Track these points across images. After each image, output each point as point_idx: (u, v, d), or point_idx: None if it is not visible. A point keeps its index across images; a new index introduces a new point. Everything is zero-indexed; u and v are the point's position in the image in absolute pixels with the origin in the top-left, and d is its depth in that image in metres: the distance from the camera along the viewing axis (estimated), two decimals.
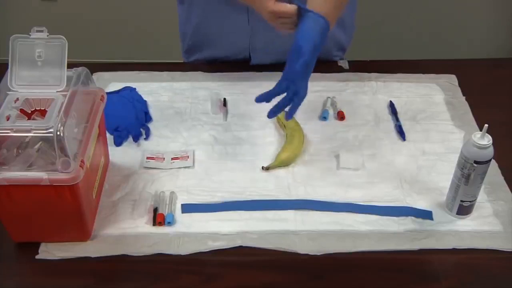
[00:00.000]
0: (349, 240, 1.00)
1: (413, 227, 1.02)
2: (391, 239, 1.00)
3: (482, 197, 1.05)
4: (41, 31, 0.95)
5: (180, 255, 0.97)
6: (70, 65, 0.96)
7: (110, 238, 0.99)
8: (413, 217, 1.03)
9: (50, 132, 0.85)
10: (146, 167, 1.13)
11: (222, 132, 1.21)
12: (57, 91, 0.93)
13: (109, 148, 1.14)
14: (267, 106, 1.26)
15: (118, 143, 1.17)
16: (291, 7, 1.06)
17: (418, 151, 1.17)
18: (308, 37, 1.04)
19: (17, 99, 0.93)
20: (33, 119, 0.94)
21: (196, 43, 1.42)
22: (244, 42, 1.36)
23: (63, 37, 0.95)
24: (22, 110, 0.94)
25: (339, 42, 1.41)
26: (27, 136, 0.90)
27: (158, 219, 1.01)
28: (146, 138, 1.19)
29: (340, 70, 1.40)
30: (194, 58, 1.45)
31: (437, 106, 1.29)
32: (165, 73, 1.38)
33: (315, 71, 1.37)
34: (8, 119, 0.90)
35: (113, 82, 1.34)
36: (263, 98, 1.07)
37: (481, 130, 0.95)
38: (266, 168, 1.12)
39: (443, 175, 1.08)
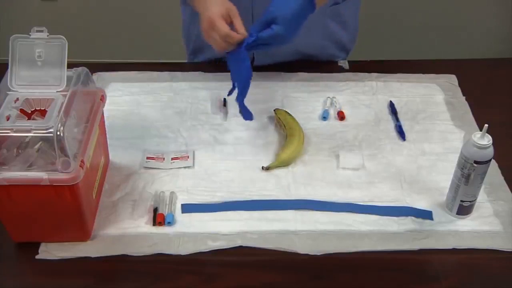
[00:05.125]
0: (349, 240, 1.00)
1: (413, 227, 1.02)
2: (391, 239, 1.00)
3: (482, 197, 1.05)
4: (41, 31, 0.95)
5: (180, 255, 0.97)
6: (70, 65, 0.96)
7: (110, 238, 0.99)
8: (413, 217, 1.03)
9: (50, 132, 0.85)
10: (146, 167, 1.12)
11: (222, 132, 1.21)
12: (57, 91, 0.93)
13: (109, 148, 1.14)
14: (267, 106, 1.26)
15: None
16: (238, 36, 1.07)
17: (418, 151, 1.17)
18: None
19: (17, 99, 0.93)
20: (33, 119, 0.94)
21: (201, 45, 1.42)
22: None
23: (63, 37, 0.95)
24: (22, 110, 0.94)
25: (341, 43, 1.41)
26: (27, 136, 0.90)
27: (158, 219, 1.01)
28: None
29: (340, 70, 1.40)
30: (199, 59, 1.45)
31: (437, 106, 1.29)
32: (165, 73, 1.38)
33: (315, 71, 1.38)
34: (8, 119, 0.90)
35: (113, 82, 1.34)
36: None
37: (481, 130, 0.95)
38: (266, 168, 1.12)
39: (443, 175, 1.08)
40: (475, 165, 0.95)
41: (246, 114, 1.18)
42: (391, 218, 1.03)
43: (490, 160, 0.96)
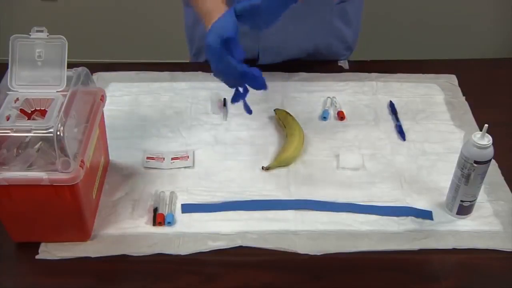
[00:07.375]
0: (349, 240, 1.00)
1: (413, 227, 1.02)
2: (391, 239, 1.00)
3: (482, 197, 1.05)
4: (41, 31, 0.95)
5: (180, 255, 0.97)
6: (70, 65, 0.96)
7: (110, 238, 0.99)
8: (413, 217, 1.03)
9: (50, 132, 0.85)
10: (146, 167, 1.13)
11: (222, 132, 1.21)
12: (57, 91, 0.93)
13: (109, 148, 1.14)
14: (267, 106, 1.27)
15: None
16: None
17: (418, 151, 1.17)
18: None
19: (17, 99, 0.93)
20: (33, 119, 0.94)
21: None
22: (253, 43, 1.35)
23: (63, 37, 0.95)
24: (22, 110, 0.94)
25: (346, 41, 1.41)
26: (27, 136, 0.90)
27: (158, 219, 1.01)
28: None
29: (340, 70, 1.40)
30: (202, 59, 1.45)
31: (437, 106, 1.29)
32: (165, 73, 1.38)
33: (315, 71, 1.38)
34: (8, 119, 0.90)
35: (113, 82, 1.34)
36: None
37: (481, 130, 0.95)
38: (266, 168, 1.12)
39: (443, 175, 1.08)
40: (475, 165, 0.95)
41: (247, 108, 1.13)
42: (391, 218, 1.03)
43: (490, 160, 0.96)
